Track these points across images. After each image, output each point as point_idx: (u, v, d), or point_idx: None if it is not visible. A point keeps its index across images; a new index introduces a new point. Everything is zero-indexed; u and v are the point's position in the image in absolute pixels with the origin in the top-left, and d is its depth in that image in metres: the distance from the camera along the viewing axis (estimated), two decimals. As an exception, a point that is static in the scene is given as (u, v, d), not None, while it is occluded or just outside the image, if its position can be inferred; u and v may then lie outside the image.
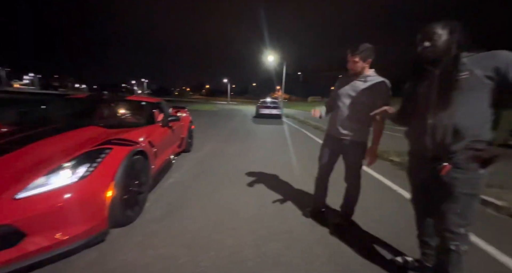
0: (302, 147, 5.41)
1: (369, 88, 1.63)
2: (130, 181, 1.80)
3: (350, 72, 1.74)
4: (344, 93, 1.75)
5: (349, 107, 1.71)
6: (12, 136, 1.74)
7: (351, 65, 1.68)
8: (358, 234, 1.82)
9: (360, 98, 1.66)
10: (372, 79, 1.65)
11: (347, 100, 1.72)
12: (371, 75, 1.67)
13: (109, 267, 1.33)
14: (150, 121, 2.84)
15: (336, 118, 1.79)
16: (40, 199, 1.22)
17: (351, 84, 1.73)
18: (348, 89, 1.73)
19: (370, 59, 1.65)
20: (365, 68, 1.67)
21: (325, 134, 1.98)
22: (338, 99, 1.78)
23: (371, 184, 2.96)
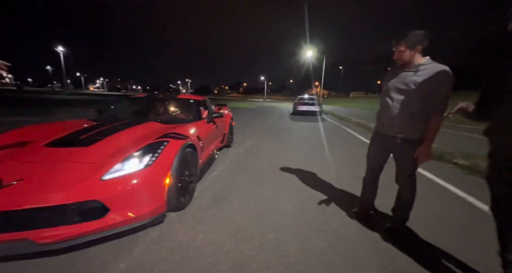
0: (344, 145, 5.11)
1: (422, 78, 1.45)
2: (182, 171, 2.00)
3: (398, 63, 1.58)
4: (392, 87, 1.59)
5: (398, 101, 1.55)
6: (96, 129, 2.11)
7: (397, 55, 1.54)
8: (415, 242, 1.65)
9: (412, 90, 1.49)
10: (426, 68, 1.45)
11: (395, 94, 1.57)
12: (425, 64, 1.47)
13: (168, 245, 1.52)
14: (197, 117, 3.09)
15: (384, 114, 1.65)
16: (118, 181, 1.46)
17: (399, 76, 1.57)
18: (396, 82, 1.58)
19: (420, 46, 1.46)
20: (414, 57, 1.50)
21: (373, 132, 1.84)
22: (387, 94, 1.63)
23: (432, 190, 2.63)
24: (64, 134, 1.97)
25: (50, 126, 2.25)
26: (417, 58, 1.50)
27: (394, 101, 1.57)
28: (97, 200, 1.36)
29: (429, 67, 1.45)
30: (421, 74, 1.45)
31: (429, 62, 1.48)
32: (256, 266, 1.35)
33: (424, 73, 1.44)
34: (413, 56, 1.49)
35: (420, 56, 1.50)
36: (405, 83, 1.51)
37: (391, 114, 1.59)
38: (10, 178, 1.33)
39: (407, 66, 1.53)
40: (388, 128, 1.62)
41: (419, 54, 1.50)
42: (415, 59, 1.50)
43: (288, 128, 7.57)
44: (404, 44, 1.47)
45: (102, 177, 1.44)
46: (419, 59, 1.49)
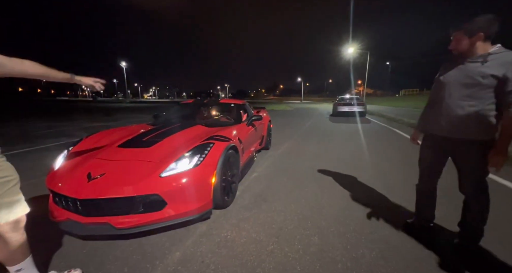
0: (395, 148, 4.60)
1: (492, 69, 1.22)
2: (226, 172, 2.12)
3: (454, 54, 1.39)
4: (451, 81, 1.38)
5: (461, 97, 1.33)
6: (154, 133, 2.43)
7: (454, 44, 1.35)
8: (495, 264, 1.38)
9: (479, 84, 1.26)
10: (496, 58, 1.23)
11: (457, 89, 1.35)
12: (496, 53, 1.25)
13: (215, 239, 1.63)
14: (238, 120, 3.23)
15: (441, 112, 1.42)
16: (173, 178, 1.65)
17: (460, 68, 1.35)
18: (457, 75, 1.36)
19: (482, 33, 1.24)
20: (476, 45, 1.28)
21: (424, 134, 1.61)
22: (443, 89, 1.42)
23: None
24: (130, 137, 2.32)
25: (120, 130, 2.68)
26: (480, 46, 1.28)
27: (455, 97, 1.35)
28: (157, 194, 1.56)
29: (500, 56, 1.23)
30: (491, 64, 1.23)
31: (502, 50, 1.25)
32: (300, 270, 1.34)
33: (495, 62, 1.23)
34: (473, 44, 1.28)
35: (485, 44, 1.28)
36: (470, 76, 1.30)
37: (451, 112, 1.37)
38: (96, 172, 1.64)
39: (469, 56, 1.32)
40: (447, 129, 1.41)
41: (483, 42, 1.27)
42: (477, 48, 1.28)
43: (328, 130, 7.23)
44: (461, 31, 1.29)
45: (160, 174, 1.65)
46: (486, 48, 1.27)
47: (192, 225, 1.80)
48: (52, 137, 5.77)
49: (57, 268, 1.32)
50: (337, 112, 11.58)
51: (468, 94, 1.31)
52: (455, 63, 1.39)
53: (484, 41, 1.27)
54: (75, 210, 1.55)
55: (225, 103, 3.88)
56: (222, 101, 3.95)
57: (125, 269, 1.35)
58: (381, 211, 2.02)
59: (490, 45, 1.28)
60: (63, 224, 1.58)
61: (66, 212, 1.60)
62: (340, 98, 12.69)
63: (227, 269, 1.34)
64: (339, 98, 12.71)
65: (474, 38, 1.27)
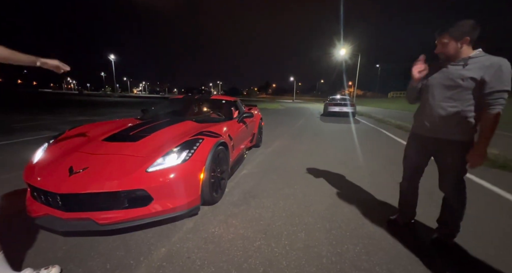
0: (382, 148, 4.74)
1: (472, 72, 1.28)
2: (215, 168, 2.10)
3: (441, 58, 1.43)
4: (434, 83, 1.43)
5: (443, 99, 1.39)
6: (141, 127, 2.36)
7: (440, 47, 1.39)
8: (465, 259, 1.45)
9: (459, 86, 1.32)
10: (477, 61, 1.28)
11: (439, 91, 1.40)
12: (476, 56, 1.29)
13: (202, 235, 1.62)
14: (229, 117, 3.21)
15: (425, 113, 1.48)
16: (160, 173, 1.61)
17: (443, 71, 1.40)
18: (439, 77, 1.41)
19: (468, 37, 1.29)
20: (461, 49, 1.33)
21: (410, 133, 1.67)
22: (427, 91, 1.48)
23: (493, 202, 2.29)
24: (117, 131, 2.24)
25: (105, 124, 2.59)
26: (465, 50, 1.33)
27: (437, 99, 1.41)
28: (143, 189, 1.51)
29: (481, 59, 1.28)
30: (471, 67, 1.28)
31: (481, 55, 1.29)
32: (286, 264, 1.35)
33: (475, 66, 1.27)
34: (460, 48, 1.32)
35: (469, 48, 1.33)
36: (451, 78, 1.35)
37: (433, 113, 1.42)
38: (78, 166, 1.57)
39: (453, 60, 1.37)
40: (430, 129, 1.46)
41: (468, 46, 1.32)
42: (462, 52, 1.33)
43: (318, 129, 7.33)
44: (448, 35, 1.33)
45: (147, 169, 1.60)
46: (469, 52, 1.33)
47: (179, 221, 1.78)
48: (32, 131, 5.49)
49: (33, 265, 1.25)
50: (328, 112, 11.77)
51: (450, 95, 1.36)
52: (438, 66, 1.45)
53: (468, 45, 1.32)
54: (55, 205, 1.49)
55: (216, 99, 3.83)
56: (213, 98, 3.90)
57: (107, 266, 1.31)
58: (367, 208, 2.07)
59: (472, 49, 1.33)
60: (42, 219, 1.51)
61: (45, 207, 1.52)
62: (331, 98, 12.89)
63: (213, 265, 1.33)
64: (330, 99, 12.90)
65: (461, 42, 1.31)
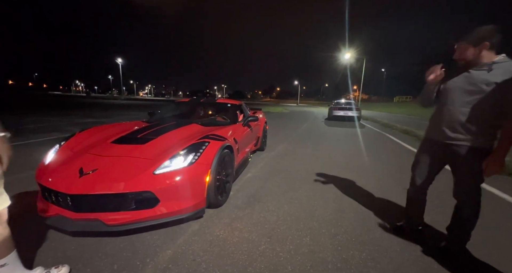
0: (388, 154, 4.68)
1: (497, 78, 1.25)
2: (220, 171, 2.12)
3: (460, 64, 1.41)
4: (455, 87, 1.40)
5: (464, 104, 1.35)
6: (149, 130, 2.41)
7: (458, 53, 1.38)
8: (479, 269, 1.42)
9: (483, 92, 1.29)
10: (501, 67, 1.25)
11: (460, 95, 1.37)
12: (501, 62, 1.27)
13: (207, 238, 1.63)
14: (234, 120, 3.24)
15: (441, 118, 1.45)
16: (167, 176, 1.64)
17: (464, 75, 1.37)
18: (461, 81, 1.38)
19: (487, 42, 1.26)
20: (480, 54, 1.31)
21: (423, 138, 1.64)
22: (446, 96, 1.44)
23: (498, 209, 2.24)
24: (125, 133, 2.29)
25: (114, 126, 2.65)
26: (486, 55, 1.30)
27: (457, 104, 1.38)
28: (150, 191, 1.54)
29: (505, 65, 1.25)
30: (496, 73, 1.26)
31: (506, 60, 1.27)
32: (291, 269, 1.35)
33: (499, 72, 1.25)
34: (479, 53, 1.30)
35: (490, 53, 1.30)
36: (474, 83, 1.32)
37: (453, 118, 1.39)
38: (88, 168, 1.62)
39: (474, 65, 1.34)
40: (448, 135, 1.42)
41: (489, 51, 1.29)
42: (483, 57, 1.30)
43: (323, 133, 7.30)
44: (465, 41, 1.32)
45: (154, 171, 1.63)
46: (491, 57, 1.29)
47: (184, 223, 1.79)
48: (42, 132, 5.63)
49: (44, 264, 1.29)
50: (333, 116, 11.71)
51: (470, 101, 1.33)
52: (459, 70, 1.42)
53: (489, 50, 1.29)
54: (65, 205, 1.52)
55: (221, 103, 3.88)
56: (218, 101, 3.95)
57: (114, 267, 1.33)
58: (372, 214, 2.05)
59: (495, 54, 1.30)
60: (52, 219, 1.55)
61: (56, 207, 1.56)
62: (336, 102, 12.85)
63: (218, 268, 1.34)
64: (334, 103, 12.86)
65: (479, 47, 1.29)
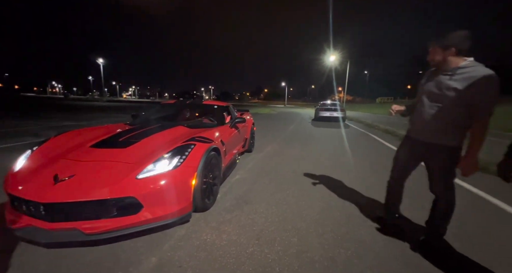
0: (371, 152, 4.86)
1: (458, 84, 1.32)
2: (207, 173, 2.08)
3: (431, 65, 1.51)
4: (426, 90, 1.51)
5: (432, 106, 1.46)
6: (131, 133, 2.32)
7: (430, 56, 1.47)
8: (456, 260, 1.50)
9: (446, 96, 1.37)
10: (464, 72, 1.32)
11: (429, 98, 1.48)
12: (465, 67, 1.33)
13: (194, 243, 1.59)
14: (221, 122, 3.21)
15: (418, 118, 1.55)
16: (150, 180, 1.58)
17: (435, 79, 1.47)
18: (430, 85, 1.48)
19: (454, 48, 1.34)
20: (448, 59, 1.39)
21: (405, 136, 1.75)
22: (421, 96, 1.55)
23: (476, 204, 2.39)
24: (105, 137, 2.19)
25: (94, 130, 2.52)
26: (453, 60, 1.37)
27: (427, 105, 1.48)
28: (133, 197, 1.48)
29: (468, 70, 1.31)
30: (458, 78, 1.33)
31: (470, 65, 1.32)
32: (279, 270, 1.35)
33: (461, 77, 1.32)
34: (446, 57, 1.38)
35: (458, 58, 1.37)
36: (439, 87, 1.41)
37: (424, 119, 1.49)
38: (64, 174, 1.52)
39: (444, 68, 1.42)
40: (421, 133, 1.54)
41: (456, 56, 1.37)
42: (450, 62, 1.38)
43: (310, 134, 7.43)
44: (437, 45, 1.40)
45: (137, 176, 1.57)
46: (458, 62, 1.36)
47: (170, 229, 1.74)
48: (14, 136, 5.25)
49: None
50: (319, 117, 11.97)
51: (437, 104, 1.43)
52: (433, 74, 1.51)
53: (456, 55, 1.36)
54: (38, 215, 1.42)
55: (208, 104, 3.83)
56: (205, 103, 3.89)
57: (94, 278, 1.26)
58: (358, 212, 2.11)
59: (463, 59, 1.36)
60: (24, 231, 1.44)
61: (28, 217, 1.45)
62: (322, 103, 13.15)
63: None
64: (320, 104, 13.16)
65: (447, 51, 1.37)
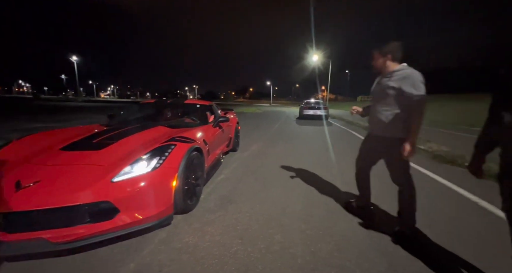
0: (352, 148, 5.03)
1: (394, 83, 1.59)
2: (189, 174, 2.03)
3: (374, 69, 1.77)
4: (374, 92, 1.79)
5: (380, 105, 1.70)
6: (107, 134, 2.19)
7: (373, 61, 1.74)
8: (427, 247, 1.60)
9: (387, 95, 1.63)
10: (398, 74, 1.60)
11: (377, 98, 1.74)
12: (399, 70, 1.61)
13: (175, 246, 1.54)
14: (204, 121, 3.14)
15: (372, 116, 1.81)
16: (127, 183, 1.51)
17: (380, 82, 1.74)
18: (377, 87, 1.76)
19: (390, 55, 1.64)
20: (385, 64, 1.67)
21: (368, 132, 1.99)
22: (374, 98, 1.82)
23: (444, 195, 2.56)
24: (77, 139, 2.05)
25: (65, 131, 2.36)
26: (390, 65, 1.66)
27: (377, 105, 1.73)
28: (108, 201, 1.40)
29: (401, 73, 1.59)
30: (394, 79, 1.60)
31: (403, 68, 1.60)
32: (262, 268, 1.35)
33: (397, 78, 1.59)
34: (384, 63, 1.67)
35: (393, 63, 1.66)
36: (383, 88, 1.67)
37: (376, 116, 1.73)
38: (27, 180, 1.40)
39: (382, 72, 1.72)
40: (376, 129, 1.77)
41: (392, 62, 1.66)
42: (388, 67, 1.67)
43: (294, 132, 7.55)
44: (377, 52, 1.69)
45: (112, 179, 1.49)
46: (394, 66, 1.65)
47: (150, 232, 1.67)
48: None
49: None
50: (303, 115, 12.20)
51: (383, 102, 1.67)
52: (379, 79, 1.77)
53: (392, 61, 1.65)
54: (-3, 226, 1.30)
55: (190, 104, 3.73)
56: (187, 102, 3.80)
57: (65, 290, 1.18)
58: (339, 206, 2.18)
59: (398, 64, 1.65)
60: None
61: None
62: (306, 102, 13.40)
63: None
64: (304, 103, 13.40)
65: (384, 58, 1.66)
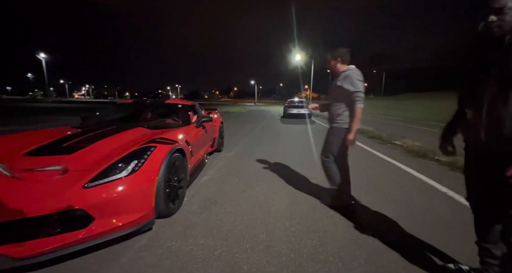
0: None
1: (341, 81, 1.94)
2: (171, 177, 1.96)
3: (328, 69, 2.11)
4: (331, 92, 2.10)
5: (334, 101, 2.04)
6: (79, 137, 2.05)
7: (326, 64, 2.07)
8: (401, 237, 1.69)
9: (338, 92, 1.96)
10: (345, 74, 1.94)
11: (332, 96, 2.07)
12: (345, 70, 1.95)
13: (157, 251, 1.48)
14: (186, 122, 3.06)
15: (330, 111, 2.12)
16: (102, 189, 1.42)
17: (333, 84, 2.05)
18: (332, 88, 2.07)
19: (340, 58, 1.99)
20: (336, 66, 2.02)
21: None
22: (331, 97, 2.12)
23: (415, 186, 2.72)
24: (45, 143, 1.89)
25: (31, 135, 2.17)
26: (340, 67, 2.00)
27: (332, 102, 2.06)
28: (80, 209, 1.31)
29: (346, 73, 1.94)
30: (340, 79, 1.97)
31: (349, 69, 1.95)
32: (247, 268, 1.34)
33: (341, 77, 1.96)
34: (335, 65, 2.02)
35: (343, 66, 2.00)
36: (334, 88, 2.01)
37: (331, 111, 2.07)
38: (-16, 190, 1.26)
39: (334, 74, 2.06)
40: (331, 121, 2.09)
41: (341, 64, 2.00)
42: (338, 68, 2.01)
43: (279, 131, 7.63)
44: (329, 56, 2.02)
45: (84, 185, 1.39)
46: (343, 68, 1.99)
47: (130, 239, 1.59)
48: None
49: None
50: (288, 114, 12.38)
51: (336, 99, 2.02)
52: (334, 81, 2.06)
53: (341, 63, 2.00)
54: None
55: (172, 104, 3.61)
56: (168, 102, 3.67)
57: (32, 307, 1.08)
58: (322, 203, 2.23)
59: (346, 66, 1.99)
60: None
61: None
62: (290, 101, 13.62)
63: (169, 283, 1.23)
64: (288, 102, 13.61)
65: (335, 61, 2.01)
